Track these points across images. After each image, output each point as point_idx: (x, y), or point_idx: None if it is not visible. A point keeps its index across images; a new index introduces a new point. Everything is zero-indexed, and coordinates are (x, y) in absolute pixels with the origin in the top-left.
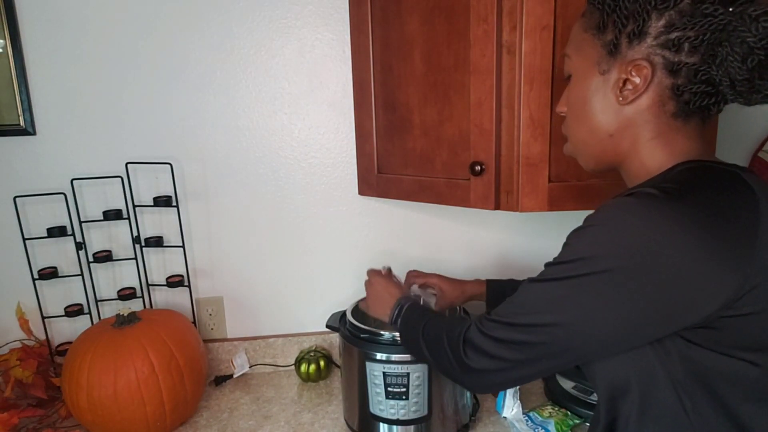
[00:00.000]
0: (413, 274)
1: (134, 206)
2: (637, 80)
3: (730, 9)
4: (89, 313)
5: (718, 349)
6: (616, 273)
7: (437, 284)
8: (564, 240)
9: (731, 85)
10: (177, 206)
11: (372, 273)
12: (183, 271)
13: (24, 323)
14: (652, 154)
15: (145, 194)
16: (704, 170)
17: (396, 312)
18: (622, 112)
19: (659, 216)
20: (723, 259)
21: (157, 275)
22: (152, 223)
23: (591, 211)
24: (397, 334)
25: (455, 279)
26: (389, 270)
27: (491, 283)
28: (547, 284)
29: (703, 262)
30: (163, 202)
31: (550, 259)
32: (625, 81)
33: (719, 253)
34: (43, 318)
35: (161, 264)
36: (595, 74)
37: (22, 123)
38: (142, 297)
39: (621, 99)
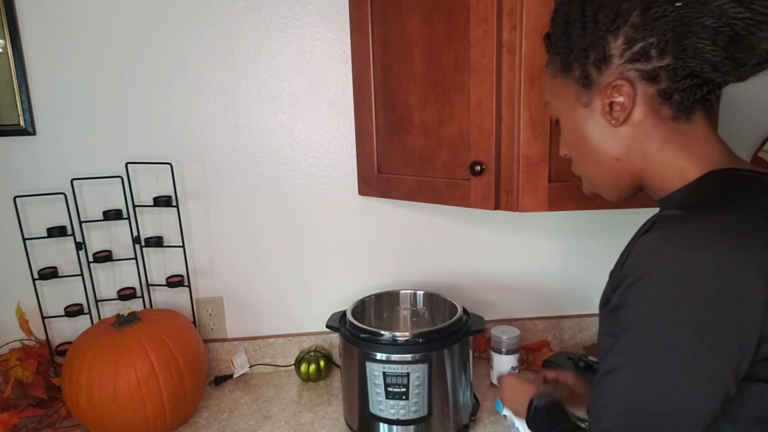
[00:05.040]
0: (546, 372)
1: (134, 206)
2: (621, 99)
3: (677, 4)
4: (89, 313)
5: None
6: (692, 325)
7: (571, 382)
8: (564, 241)
9: (714, 69)
10: (177, 206)
11: (509, 375)
12: (183, 271)
13: (24, 323)
14: (668, 163)
15: (145, 194)
16: (738, 180)
17: (532, 411)
18: (620, 134)
19: (716, 245)
20: None
21: (157, 275)
22: (152, 223)
23: (591, 212)
24: (398, 333)
25: (588, 383)
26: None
27: None
28: (624, 368)
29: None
30: (163, 202)
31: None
32: (611, 104)
33: None
34: (43, 318)
35: (161, 264)
36: (579, 109)
37: (22, 123)
38: (142, 297)
39: (614, 121)
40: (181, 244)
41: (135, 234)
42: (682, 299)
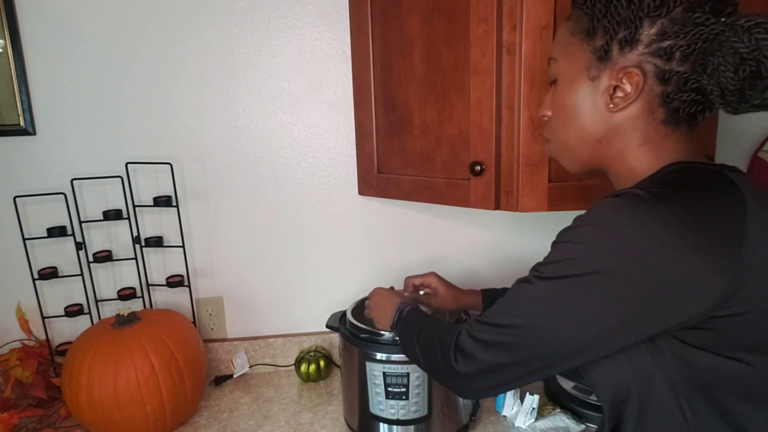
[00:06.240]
0: (410, 278)
1: (134, 206)
2: (628, 88)
3: (722, 19)
4: (89, 313)
5: (712, 349)
6: (603, 274)
7: (433, 284)
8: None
9: (721, 94)
10: (177, 206)
11: (375, 288)
12: (183, 271)
13: (24, 323)
14: (640, 159)
15: (145, 194)
16: (690, 171)
17: (396, 317)
18: (611, 119)
19: (646, 217)
20: (710, 259)
21: (157, 275)
22: (152, 223)
23: None
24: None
25: (452, 284)
26: (392, 287)
27: (487, 293)
28: (535, 284)
29: (690, 261)
30: (163, 202)
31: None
32: (615, 88)
33: (706, 253)
34: (43, 318)
35: (161, 264)
36: (584, 80)
37: (22, 123)
38: (142, 297)
39: (611, 106)
40: (181, 244)
41: (135, 234)
42: (603, 251)
